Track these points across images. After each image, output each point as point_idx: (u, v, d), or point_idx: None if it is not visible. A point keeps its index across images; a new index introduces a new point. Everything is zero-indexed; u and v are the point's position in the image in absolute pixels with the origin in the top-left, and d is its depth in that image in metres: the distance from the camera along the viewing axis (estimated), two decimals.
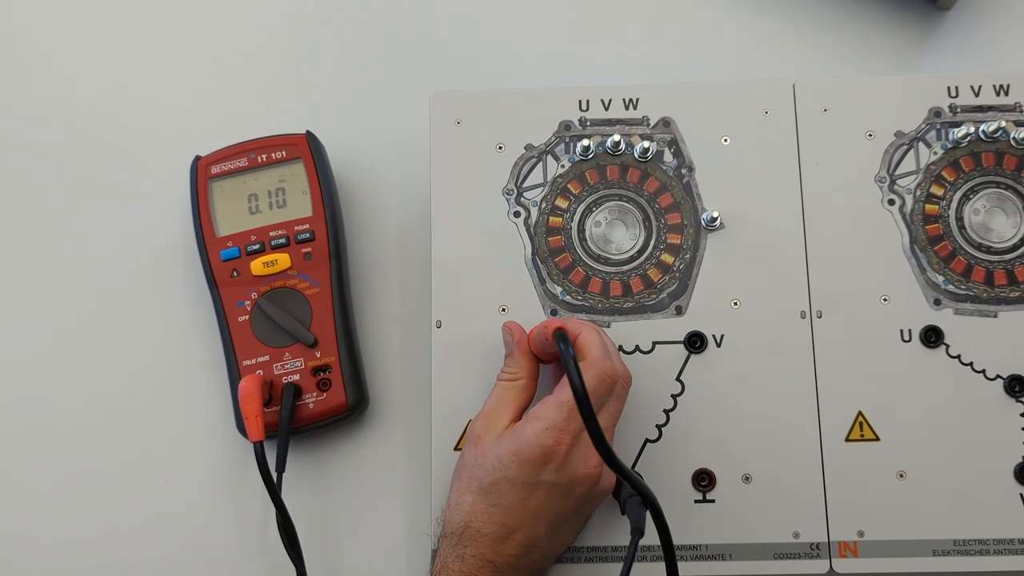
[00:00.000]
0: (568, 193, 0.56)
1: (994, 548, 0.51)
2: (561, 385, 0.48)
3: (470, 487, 0.47)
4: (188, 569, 0.56)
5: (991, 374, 0.52)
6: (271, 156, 0.59)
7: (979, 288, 0.54)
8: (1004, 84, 0.56)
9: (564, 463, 0.46)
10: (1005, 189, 0.55)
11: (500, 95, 0.57)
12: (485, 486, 0.47)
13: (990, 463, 0.51)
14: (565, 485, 0.46)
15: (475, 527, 0.46)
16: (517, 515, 0.46)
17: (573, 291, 0.55)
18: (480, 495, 0.47)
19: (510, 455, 0.46)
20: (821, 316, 0.54)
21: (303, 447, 0.57)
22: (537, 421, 0.46)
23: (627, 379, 0.49)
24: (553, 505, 0.46)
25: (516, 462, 0.46)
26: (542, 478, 0.46)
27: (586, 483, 0.46)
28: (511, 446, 0.46)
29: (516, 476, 0.46)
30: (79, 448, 0.58)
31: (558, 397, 0.47)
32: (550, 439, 0.45)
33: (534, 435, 0.46)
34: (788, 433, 0.52)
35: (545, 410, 0.47)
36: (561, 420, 0.46)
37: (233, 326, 0.56)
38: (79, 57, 0.66)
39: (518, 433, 0.47)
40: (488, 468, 0.47)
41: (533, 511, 0.46)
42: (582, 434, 0.46)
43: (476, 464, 0.48)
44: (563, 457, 0.46)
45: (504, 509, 0.46)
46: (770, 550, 0.51)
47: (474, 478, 0.47)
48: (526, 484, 0.46)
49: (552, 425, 0.46)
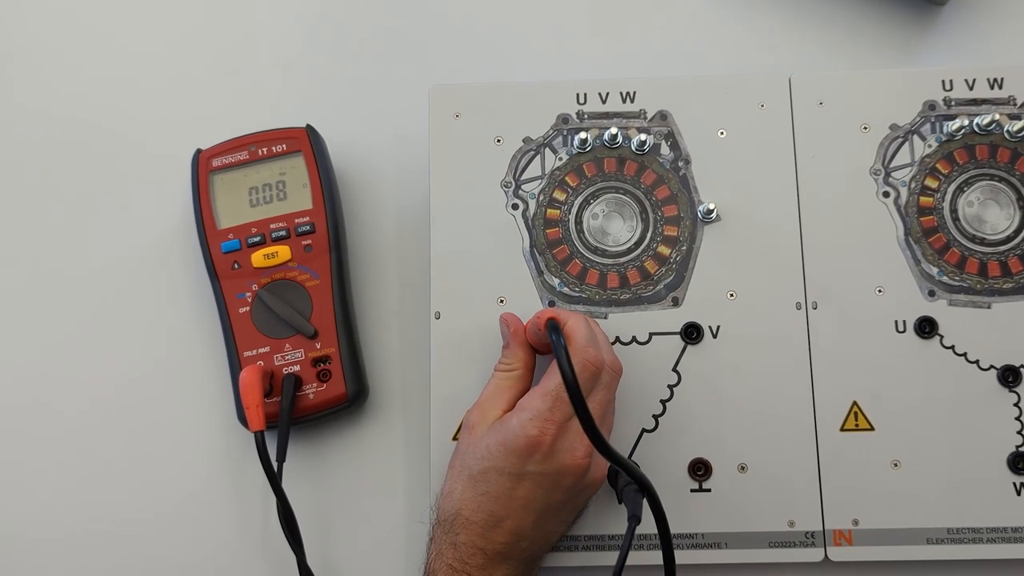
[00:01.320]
0: (566, 186, 0.56)
1: (987, 537, 0.51)
2: (546, 375, 0.48)
3: (461, 476, 0.48)
4: (190, 558, 0.56)
5: (984, 364, 0.53)
6: (272, 149, 0.59)
7: (973, 279, 0.54)
8: (998, 78, 0.57)
9: (550, 453, 0.46)
10: (999, 181, 0.56)
11: (498, 89, 0.58)
12: (475, 475, 0.47)
13: (983, 453, 0.52)
14: (552, 475, 0.46)
15: (465, 515, 0.47)
16: (504, 504, 0.47)
17: (571, 283, 0.55)
18: (470, 484, 0.47)
19: (497, 445, 0.47)
20: (816, 307, 0.54)
21: (303, 437, 0.58)
22: (523, 412, 0.47)
23: (615, 369, 0.49)
24: (540, 495, 0.47)
25: (503, 452, 0.46)
26: (528, 468, 0.46)
27: (573, 474, 0.47)
28: (498, 436, 0.47)
29: (503, 466, 0.46)
30: (81, 439, 0.58)
31: (543, 387, 0.47)
32: (535, 429, 0.46)
33: (519, 425, 0.46)
34: (783, 423, 0.53)
35: (530, 400, 0.47)
36: (545, 410, 0.46)
37: (234, 317, 0.57)
38: (81, 50, 0.66)
39: (505, 423, 0.47)
40: (477, 457, 0.47)
41: (520, 501, 0.47)
42: (568, 424, 0.47)
43: (467, 453, 0.48)
44: (549, 447, 0.46)
45: (492, 498, 0.47)
46: (765, 538, 0.52)
47: (465, 467, 0.48)
48: (513, 474, 0.46)
49: (536, 415, 0.46)
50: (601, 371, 0.48)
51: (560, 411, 0.46)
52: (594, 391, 0.48)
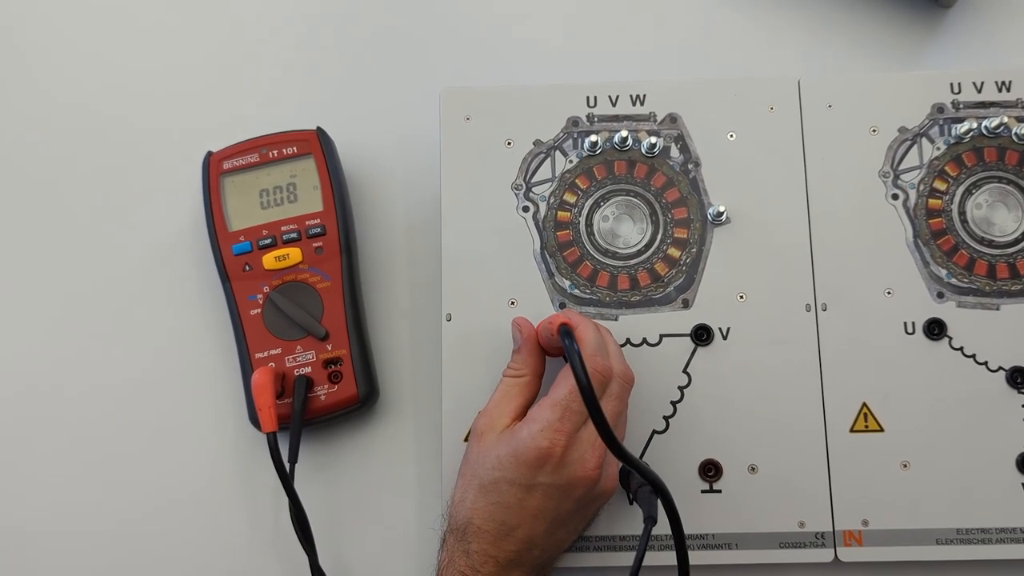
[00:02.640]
0: (576, 188, 0.57)
1: (996, 537, 0.51)
2: (555, 385, 0.48)
3: (471, 484, 0.48)
4: (202, 557, 0.57)
5: (993, 366, 0.53)
6: (282, 152, 0.59)
7: (981, 281, 0.54)
8: (1006, 81, 0.57)
9: (561, 464, 0.46)
10: (1007, 184, 0.56)
11: (509, 92, 0.58)
12: (486, 484, 0.47)
13: (992, 454, 0.52)
14: (563, 487, 0.46)
15: (476, 524, 0.47)
16: (516, 514, 0.47)
17: (581, 285, 0.55)
18: (481, 493, 0.47)
19: (508, 456, 0.47)
20: (826, 309, 0.54)
21: (315, 438, 0.58)
22: (533, 423, 0.47)
23: (626, 378, 0.49)
24: (551, 506, 0.47)
25: (514, 463, 0.46)
26: (539, 479, 0.46)
27: (584, 485, 0.47)
28: (509, 447, 0.47)
29: (514, 477, 0.46)
30: (94, 440, 0.59)
31: (552, 397, 0.47)
32: (545, 440, 0.46)
33: (530, 437, 0.46)
34: (793, 424, 0.53)
35: (540, 411, 0.47)
36: (555, 421, 0.46)
37: (245, 319, 0.57)
38: (90, 54, 0.67)
39: (516, 434, 0.47)
40: (488, 467, 0.47)
41: (532, 511, 0.47)
42: (579, 435, 0.47)
43: (477, 462, 0.48)
44: (559, 459, 0.46)
45: (503, 508, 0.47)
46: (776, 539, 0.52)
47: (475, 476, 0.48)
48: (524, 485, 0.46)
49: (547, 426, 0.46)
50: (610, 380, 0.48)
51: (570, 421, 0.46)
52: (603, 400, 0.48)
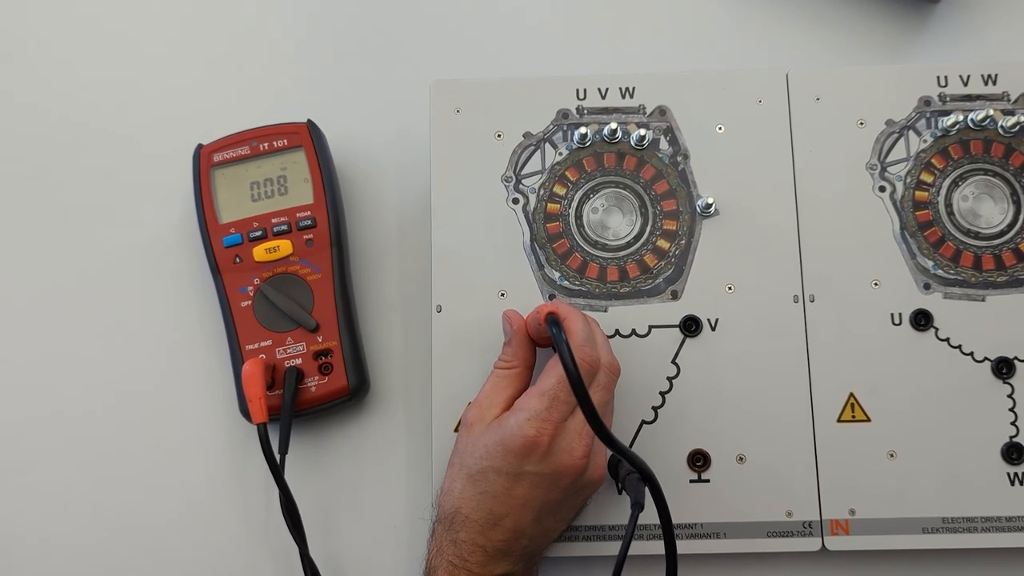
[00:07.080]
0: (566, 180, 0.57)
1: (982, 526, 0.52)
2: (543, 375, 0.49)
3: (460, 474, 0.48)
4: (193, 549, 0.57)
5: (979, 356, 0.54)
6: (273, 144, 0.60)
7: (968, 273, 0.55)
8: (992, 74, 0.57)
9: (548, 453, 0.46)
10: (993, 176, 0.56)
11: (499, 84, 0.58)
12: (473, 474, 0.48)
13: (978, 443, 0.53)
14: (550, 476, 0.47)
15: (464, 513, 0.47)
16: (503, 503, 0.47)
17: (571, 276, 0.56)
18: (469, 483, 0.48)
19: (495, 445, 0.47)
20: (814, 300, 0.55)
21: (305, 430, 0.58)
22: (520, 412, 0.47)
23: (613, 369, 0.49)
24: (538, 495, 0.47)
25: (501, 452, 0.47)
26: (526, 468, 0.46)
27: (571, 474, 0.47)
28: (496, 436, 0.47)
29: (501, 466, 0.47)
30: (84, 433, 0.59)
31: (539, 387, 0.48)
32: (532, 429, 0.46)
33: (517, 426, 0.46)
34: (781, 414, 0.53)
35: (528, 401, 0.47)
36: (543, 410, 0.46)
37: (236, 311, 0.57)
38: (81, 47, 0.66)
39: (503, 423, 0.47)
40: (476, 457, 0.48)
41: (519, 500, 0.47)
42: (566, 425, 0.47)
43: (466, 452, 0.48)
44: (546, 448, 0.46)
45: (491, 497, 0.47)
46: (764, 528, 0.52)
47: (464, 466, 0.48)
48: (511, 474, 0.47)
49: (534, 415, 0.46)
50: (597, 370, 0.48)
51: (558, 411, 0.47)
52: (590, 390, 0.47)
